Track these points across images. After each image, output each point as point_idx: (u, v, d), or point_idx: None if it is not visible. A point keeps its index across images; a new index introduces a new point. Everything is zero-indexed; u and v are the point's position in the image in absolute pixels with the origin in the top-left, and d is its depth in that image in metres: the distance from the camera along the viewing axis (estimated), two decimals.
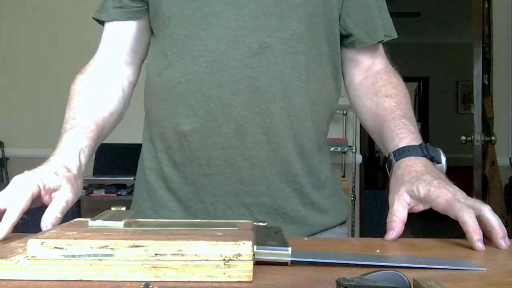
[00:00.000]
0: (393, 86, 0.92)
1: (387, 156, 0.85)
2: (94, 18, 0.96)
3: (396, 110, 0.88)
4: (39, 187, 0.71)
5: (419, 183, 0.74)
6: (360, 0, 0.92)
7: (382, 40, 0.95)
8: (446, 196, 0.71)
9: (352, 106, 1.00)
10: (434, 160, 0.80)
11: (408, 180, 0.76)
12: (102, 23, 0.97)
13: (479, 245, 0.65)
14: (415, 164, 0.78)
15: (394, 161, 0.81)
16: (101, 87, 0.92)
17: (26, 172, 0.73)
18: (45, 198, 0.73)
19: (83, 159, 0.81)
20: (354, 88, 0.98)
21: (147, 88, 0.93)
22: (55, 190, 0.73)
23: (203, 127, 0.84)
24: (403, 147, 0.82)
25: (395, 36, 0.97)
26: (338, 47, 0.93)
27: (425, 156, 0.80)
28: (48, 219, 0.69)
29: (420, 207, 0.75)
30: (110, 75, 0.94)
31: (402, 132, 0.84)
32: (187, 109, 0.85)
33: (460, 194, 0.72)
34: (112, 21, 0.95)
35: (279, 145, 0.84)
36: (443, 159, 0.81)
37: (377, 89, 0.93)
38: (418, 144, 0.82)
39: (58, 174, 0.74)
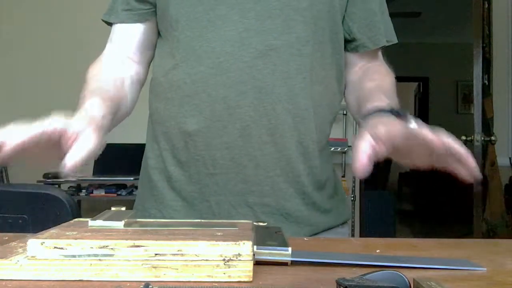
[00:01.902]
0: (378, 73, 0.93)
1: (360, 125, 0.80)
2: (103, 20, 0.97)
3: (377, 89, 0.86)
4: (58, 128, 0.65)
5: (380, 124, 0.69)
6: (364, 5, 0.93)
7: (384, 45, 0.96)
8: (405, 126, 0.67)
9: (346, 104, 1.00)
10: (401, 117, 0.74)
11: (370, 124, 0.70)
12: (110, 24, 0.97)
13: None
14: (381, 117, 0.73)
15: (364, 121, 0.76)
16: (115, 75, 0.91)
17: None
18: (68, 143, 0.65)
19: (105, 119, 0.75)
20: (346, 88, 0.98)
21: (153, 88, 0.93)
22: (77, 135, 0.65)
23: (208, 127, 0.84)
24: (371, 109, 0.77)
25: (395, 41, 0.98)
26: (342, 51, 0.94)
27: (391, 112, 0.74)
28: (71, 157, 0.62)
29: (382, 148, 0.66)
30: (121, 67, 0.94)
31: (372, 101, 0.81)
32: (193, 109, 0.85)
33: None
34: (121, 23, 0.95)
35: (283, 145, 0.85)
36: (412, 121, 0.74)
37: (363, 78, 0.93)
38: (385, 106, 0.77)
39: (82, 121, 0.68)
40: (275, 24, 0.83)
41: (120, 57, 0.95)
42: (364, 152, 0.64)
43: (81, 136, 0.65)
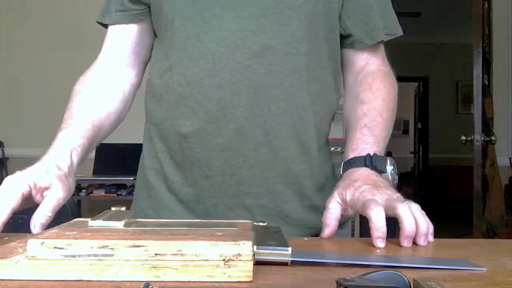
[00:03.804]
0: (372, 91, 0.91)
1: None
2: (98, 22, 0.97)
3: (363, 119, 0.88)
4: (29, 186, 0.71)
5: (348, 189, 0.76)
6: (360, 0, 0.92)
7: (383, 40, 0.94)
8: (364, 199, 0.72)
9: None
10: (378, 170, 0.81)
11: (341, 186, 0.79)
12: (106, 26, 0.97)
13: (377, 242, 0.66)
14: (354, 174, 0.80)
15: (341, 173, 0.85)
16: (101, 89, 0.93)
17: (18, 173, 0.74)
18: (37, 197, 0.73)
19: (75, 158, 0.81)
20: (345, 91, 0.98)
21: (149, 90, 0.93)
22: (46, 189, 0.73)
23: (203, 128, 0.84)
24: (349, 159, 0.84)
25: (400, 33, 0.95)
26: (338, 48, 0.93)
27: (367, 166, 0.81)
28: (38, 218, 0.69)
29: (350, 212, 0.77)
30: (111, 77, 0.95)
31: (356, 143, 0.86)
32: (187, 111, 0.85)
33: (382, 196, 0.72)
34: (114, 24, 0.95)
35: (279, 146, 0.85)
36: (389, 168, 0.82)
37: (356, 93, 0.92)
38: (364, 155, 0.82)
39: (49, 173, 0.74)
40: (269, 22, 0.83)
41: (113, 65, 0.95)
42: (333, 217, 0.76)
43: (50, 190, 0.72)
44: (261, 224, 0.68)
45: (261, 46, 0.82)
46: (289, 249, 0.54)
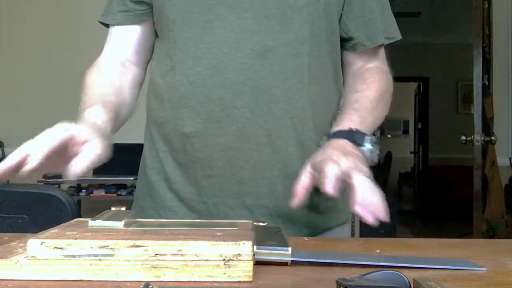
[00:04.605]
0: (367, 82, 0.91)
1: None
2: (100, 22, 0.96)
3: (353, 103, 0.88)
4: (74, 134, 0.67)
5: (319, 155, 0.75)
6: (361, 3, 0.92)
7: (383, 43, 0.95)
8: (325, 157, 0.72)
9: None
10: (357, 143, 0.80)
11: (316, 154, 0.77)
12: (107, 26, 0.97)
13: (326, 187, 0.65)
14: (330, 144, 0.79)
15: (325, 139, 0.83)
16: (111, 81, 0.91)
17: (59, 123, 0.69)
18: (74, 149, 0.67)
19: (107, 129, 0.78)
20: (344, 90, 0.98)
21: (151, 90, 0.93)
22: (85, 142, 0.68)
23: (205, 128, 0.84)
24: (332, 133, 0.83)
25: (399, 37, 0.96)
26: (339, 49, 0.94)
27: (345, 138, 0.80)
28: (77, 165, 0.64)
29: (316, 178, 0.74)
30: (119, 72, 0.94)
31: (341, 121, 0.84)
32: (189, 111, 0.85)
33: (347, 162, 0.71)
34: (117, 24, 0.95)
35: (280, 146, 0.85)
36: (367, 144, 0.80)
37: (352, 86, 0.93)
38: (347, 129, 0.81)
39: (88, 129, 0.71)
40: (271, 24, 0.83)
41: (118, 60, 0.95)
42: (301, 186, 0.74)
43: (89, 143, 0.68)
44: (261, 224, 0.68)
45: (263, 47, 0.83)
46: (289, 249, 0.54)
